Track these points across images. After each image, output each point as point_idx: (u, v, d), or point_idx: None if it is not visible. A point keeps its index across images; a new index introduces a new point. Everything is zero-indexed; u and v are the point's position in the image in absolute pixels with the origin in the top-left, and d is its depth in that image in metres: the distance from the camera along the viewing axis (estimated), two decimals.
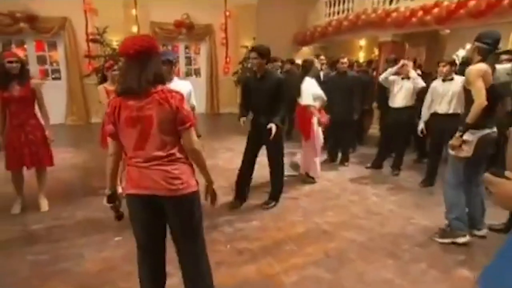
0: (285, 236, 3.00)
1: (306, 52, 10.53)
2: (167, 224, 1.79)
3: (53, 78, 8.37)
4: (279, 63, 6.61)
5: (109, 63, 3.76)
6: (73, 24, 8.03)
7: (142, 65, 1.58)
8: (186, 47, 10.05)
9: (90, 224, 3.18)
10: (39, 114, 3.40)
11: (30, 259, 2.64)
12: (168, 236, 1.83)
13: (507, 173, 0.85)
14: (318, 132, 4.19)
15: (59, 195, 3.85)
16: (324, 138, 4.45)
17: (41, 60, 8.33)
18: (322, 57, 6.10)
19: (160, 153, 1.63)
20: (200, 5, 9.03)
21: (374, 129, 6.62)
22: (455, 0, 5.69)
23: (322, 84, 4.74)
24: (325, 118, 4.22)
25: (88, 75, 7.84)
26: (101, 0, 7.86)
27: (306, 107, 4.09)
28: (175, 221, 1.75)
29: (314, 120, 4.09)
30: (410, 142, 5.13)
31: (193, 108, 2.98)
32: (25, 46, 8.12)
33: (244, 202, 3.61)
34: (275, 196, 3.62)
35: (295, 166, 4.85)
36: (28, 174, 3.52)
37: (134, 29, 8.45)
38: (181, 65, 10.00)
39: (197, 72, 10.29)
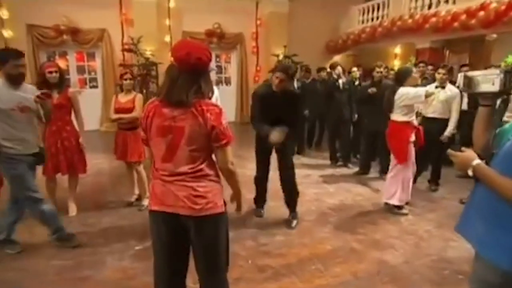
0: (310, 253, 2.82)
1: (337, 60, 10.28)
2: (191, 248, 1.69)
3: (91, 87, 8.78)
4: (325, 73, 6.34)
5: (123, 71, 3.76)
6: (111, 35, 8.40)
7: (196, 77, 1.50)
8: (217, 56, 10.16)
9: (114, 231, 3.20)
10: (75, 122, 3.53)
11: (56, 263, 2.67)
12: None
13: (463, 148, 1.31)
14: (412, 154, 3.57)
15: (88, 201, 3.93)
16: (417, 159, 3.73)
17: (81, 70, 8.78)
18: (354, 68, 5.85)
19: (187, 168, 1.53)
20: (231, 14, 9.13)
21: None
22: (505, 1, 5.25)
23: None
24: (421, 137, 3.62)
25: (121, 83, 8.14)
26: (137, 11, 8.18)
27: (402, 124, 3.49)
28: (198, 245, 1.62)
29: (411, 140, 3.48)
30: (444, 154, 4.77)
31: None
32: (67, 57, 8.60)
33: (264, 204, 3.58)
34: (295, 214, 3.39)
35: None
36: (60, 176, 3.62)
37: (167, 38, 8.69)
38: (212, 74, 10.09)
39: (227, 81, 10.37)
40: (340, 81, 5.32)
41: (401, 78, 3.55)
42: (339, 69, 5.34)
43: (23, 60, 2.60)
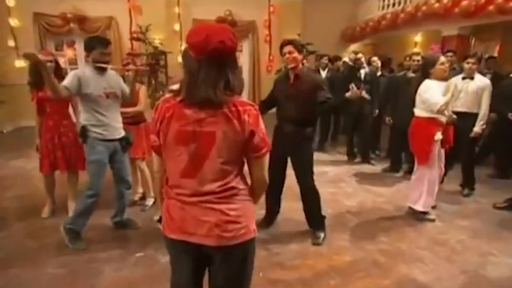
0: (328, 265, 2.53)
1: (353, 49, 9.81)
2: (209, 273, 1.41)
3: None
4: (326, 61, 6.05)
5: (126, 61, 3.44)
6: (119, 23, 8.16)
7: (222, 68, 1.18)
8: None
9: (114, 235, 2.97)
10: (74, 116, 3.30)
11: (50, 272, 2.46)
12: None
13: None
14: (440, 155, 3.17)
15: None
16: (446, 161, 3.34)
17: None
18: (375, 57, 5.34)
19: (216, 186, 1.22)
20: (243, 1, 8.78)
21: None
22: None
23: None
24: (450, 136, 3.20)
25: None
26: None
27: (426, 120, 3.07)
28: (221, 274, 1.35)
29: (437, 139, 3.06)
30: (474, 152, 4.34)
31: None
32: (75, 46, 8.41)
33: (276, 217, 3.14)
34: (319, 224, 2.92)
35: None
36: (61, 173, 3.41)
37: (176, 27, 8.42)
38: None
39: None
40: (363, 71, 4.87)
41: (426, 67, 3.12)
42: (362, 58, 4.88)
43: (110, 48, 2.67)
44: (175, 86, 1.31)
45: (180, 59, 8.49)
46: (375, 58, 5.27)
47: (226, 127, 1.18)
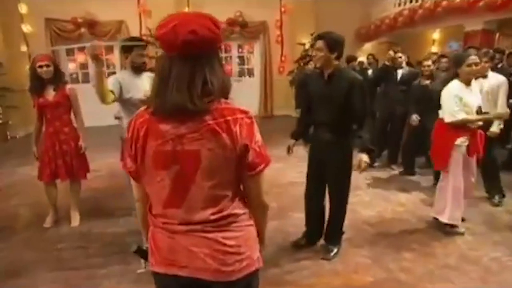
0: (345, 285, 2.29)
1: (368, 48, 9.48)
2: None
3: None
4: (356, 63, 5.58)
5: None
6: (129, 26, 8.12)
7: (197, 65, 0.95)
8: (239, 46, 9.69)
9: (116, 248, 2.79)
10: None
11: None
12: None
13: None
14: (468, 163, 2.84)
15: (96, 206, 3.61)
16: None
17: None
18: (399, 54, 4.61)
19: (208, 214, 1.01)
20: (254, 2, 8.59)
21: None
22: None
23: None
24: (481, 143, 2.86)
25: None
26: (154, 1, 7.81)
27: (451, 125, 2.74)
28: None
29: (459, 144, 2.75)
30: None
31: None
32: (85, 50, 8.40)
33: (318, 239, 2.74)
34: (335, 239, 2.67)
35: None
36: (61, 182, 3.28)
37: None
38: (234, 65, 9.68)
39: (250, 72, 9.90)
40: (400, 71, 4.48)
41: (453, 67, 2.82)
42: (403, 56, 4.43)
43: (146, 49, 2.67)
44: None
45: None
46: (400, 54, 4.63)
47: (212, 143, 0.95)
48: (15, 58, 7.37)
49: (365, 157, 2.40)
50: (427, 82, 4.06)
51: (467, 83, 2.75)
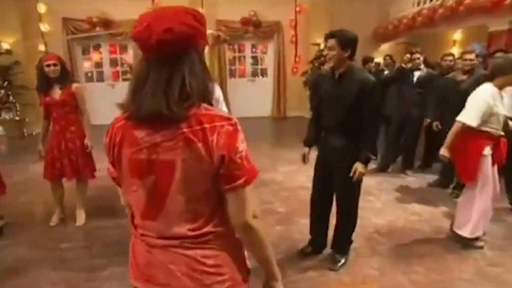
0: None
1: (385, 49, 9.22)
2: None
3: (123, 79, 8.63)
4: (373, 64, 5.38)
5: None
6: None
7: (176, 67, 0.86)
8: (253, 46, 9.61)
9: (119, 249, 2.74)
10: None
11: None
12: None
13: None
14: (492, 173, 2.66)
15: (103, 206, 3.59)
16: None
17: (114, 63, 8.69)
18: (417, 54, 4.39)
19: (185, 230, 0.93)
20: (269, 1, 8.52)
21: None
22: None
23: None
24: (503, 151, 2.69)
25: None
26: (168, 0, 7.83)
27: (478, 132, 2.55)
28: None
29: (486, 154, 2.58)
30: None
31: None
32: (101, 49, 8.52)
33: (322, 249, 2.63)
34: (343, 249, 2.54)
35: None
36: (67, 181, 3.28)
37: None
38: (247, 65, 9.63)
39: (263, 73, 9.81)
40: (417, 73, 4.29)
41: (495, 72, 2.55)
42: (421, 57, 4.24)
43: None
44: None
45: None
46: (417, 55, 4.43)
47: (186, 154, 0.86)
48: (33, 56, 7.50)
49: (360, 167, 2.22)
50: (463, 77, 3.73)
51: (500, 89, 2.56)
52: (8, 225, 3.18)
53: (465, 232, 2.71)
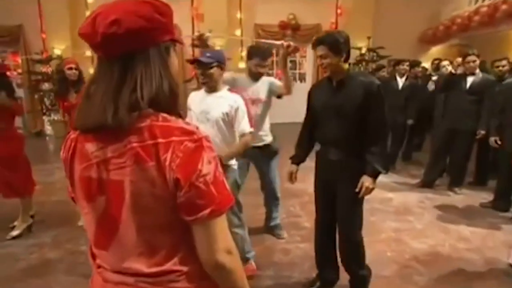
0: None
1: (435, 52, 8.51)
2: None
3: None
4: (406, 67, 4.90)
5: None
6: (181, 30, 8.31)
7: (128, 68, 0.72)
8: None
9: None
10: None
11: None
12: None
13: None
14: None
15: None
16: None
17: None
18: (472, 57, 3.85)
19: (141, 266, 0.76)
20: (308, 3, 8.28)
21: None
22: None
23: None
24: None
25: (188, 80, 8.00)
26: (207, 5, 7.92)
27: None
28: None
29: None
30: None
31: (244, 138, 2.13)
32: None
33: (332, 286, 2.26)
34: (359, 284, 2.16)
35: None
36: None
37: (238, 32, 8.27)
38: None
39: (301, 77, 9.56)
40: (471, 79, 3.80)
41: None
42: (477, 61, 3.78)
43: (267, 62, 2.67)
44: None
45: (240, 64, 8.44)
46: (445, 63, 4.14)
47: (135, 174, 0.70)
48: (80, 62, 7.97)
49: (368, 182, 1.88)
50: None
51: None
52: (37, 223, 3.27)
53: None
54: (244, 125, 2.11)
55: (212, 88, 2.13)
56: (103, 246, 0.79)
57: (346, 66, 1.94)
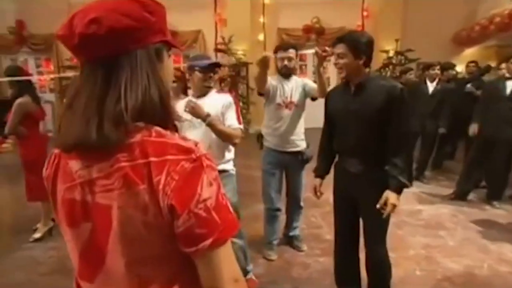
0: None
1: (469, 54, 8.02)
2: None
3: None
4: (437, 71, 4.58)
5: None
6: (205, 35, 8.39)
7: (113, 75, 0.62)
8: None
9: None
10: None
11: None
12: None
13: None
14: None
15: None
16: None
17: None
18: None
19: None
20: (333, 6, 8.07)
21: None
22: None
23: None
24: None
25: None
26: (231, 9, 7.92)
27: None
28: None
29: None
30: None
31: (234, 129, 2.01)
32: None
33: None
34: None
35: None
36: None
37: (261, 37, 8.24)
38: (309, 75, 9.24)
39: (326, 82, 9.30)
40: (510, 83, 3.53)
41: None
42: None
43: (289, 53, 2.54)
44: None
45: None
46: (504, 65, 3.76)
47: (124, 198, 0.60)
48: None
49: (393, 198, 1.68)
50: None
51: None
52: (57, 226, 3.28)
53: None
54: (232, 120, 2.01)
55: (207, 91, 2.03)
56: (88, 278, 0.69)
57: (365, 70, 1.78)
